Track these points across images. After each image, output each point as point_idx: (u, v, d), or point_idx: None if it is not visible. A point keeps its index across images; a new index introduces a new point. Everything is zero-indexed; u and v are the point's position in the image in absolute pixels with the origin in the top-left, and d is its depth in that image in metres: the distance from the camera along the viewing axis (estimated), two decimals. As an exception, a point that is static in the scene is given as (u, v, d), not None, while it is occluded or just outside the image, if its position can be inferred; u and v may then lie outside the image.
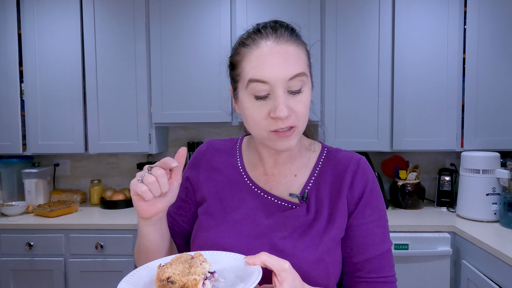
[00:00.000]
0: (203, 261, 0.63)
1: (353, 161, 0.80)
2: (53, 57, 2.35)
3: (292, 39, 0.71)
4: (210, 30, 2.29)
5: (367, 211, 0.77)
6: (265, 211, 0.77)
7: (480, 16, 2.18)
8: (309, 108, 0.74)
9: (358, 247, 0.76)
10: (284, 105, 0.67)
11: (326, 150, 0.85)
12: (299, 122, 0.71)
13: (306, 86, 0.71)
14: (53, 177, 2.70)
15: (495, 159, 2.03)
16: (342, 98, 2.26)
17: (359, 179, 0.78)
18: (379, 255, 0.76)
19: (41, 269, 2.12)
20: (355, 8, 2.24)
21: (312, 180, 0.79)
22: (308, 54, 0.75)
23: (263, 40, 0.70)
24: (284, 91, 0.68)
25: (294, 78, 0.68)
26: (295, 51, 0.70)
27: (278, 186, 0.80)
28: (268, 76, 0.68)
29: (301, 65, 0.70)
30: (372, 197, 0.77)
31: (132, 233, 2.10)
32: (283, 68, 0.67)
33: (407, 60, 2.22)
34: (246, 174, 0.83)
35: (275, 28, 0.71)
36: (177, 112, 2.33)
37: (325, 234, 0.74)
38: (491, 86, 2.20)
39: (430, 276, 1.92)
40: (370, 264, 0.76)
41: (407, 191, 2.33)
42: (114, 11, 2.32)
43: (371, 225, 0.76)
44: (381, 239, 0.77)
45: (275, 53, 0.68)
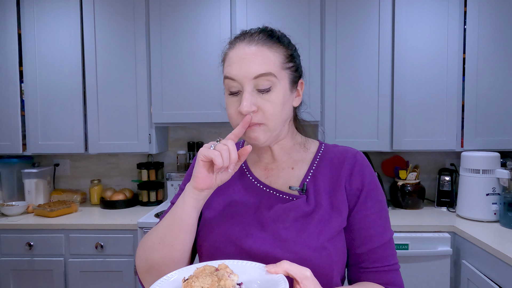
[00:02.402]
0: (231, 273, 0.62)
1: (350, 154, 0.84)
2: (53, 57, 2.35)
3: (266, 42, 0.76)
4: (210, 30, 2.29)
5: (368, 203, 0.80)
6: (267, 204, 0.81)
7: (480, 16, 2.18)
8: (287, 107, 0.79)
9: (362, 238, 0.79)
10: (247, 101, 0.73)
11: (324, 146, 0.89)
12: (267, 120, 0.75)
13: (276, 87, 0.75)
14: (53, 177, 2.70)
15: (495, 159, 2.03)
16: (342, 98, 2.27)
17: (357, 172, 0.81)
18: (382, 245, 0.79)
19: (41, 269, 2.12)
20: (355, 8, 2.24)
21: (311, 173, 0.83)
22: (286, 55, 0.78)
23: (238, 42, 0.77)
24: (252, 88, 0.74)
25: (260, 77, 0.73)
26: (265, 53, 0.75)
27: (277, 180, 0.85)
28: (235, 73, 0.74)
29: (269, 66, 0.74)
30: (371, 189, 0.81)
31: (132, 233, 2.10)
32: (248, 67, 0.73)
33: (407, 60, 2.22)
34: (248, 170, 0.88)
35: (251, 32, 0.78)
36: (177, 112, 2.33)
37: (326, 223, 0.77)
38: (491, 86, 2.20)
39: (430, 276, 1.92)
40: (374, 254, 0.79)
41: (407, 191, 2.33)
42: (114, 11, 2.32)
43: (373, 217, 0.80)
44: (383, 229, 0.80)
45: (244, 54, 0.74)
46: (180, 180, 2.60)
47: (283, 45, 0.79)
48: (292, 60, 0.80)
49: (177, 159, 2.67)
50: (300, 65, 0.85)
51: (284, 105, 0.77)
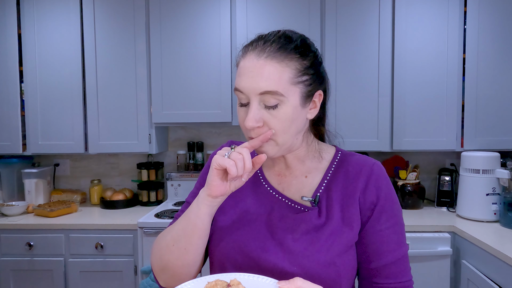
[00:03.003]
0: None
1: (367, 166, 0.80)
2: (53, 57, 2.35)
3: (277, 55, 0.71)
4: (210, 30, 2.29)
5: (382, 218, 0.77)
6: (279, 212, 0.79)
7: (480, 16, 2.18)
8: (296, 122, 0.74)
9: (374, 253, 0.77)
10: (252, 117, 0.70)
11: (340, 154, 0.86)
12: (275, 136, 0.72)
13: (284, 104, 0.71)
14: (53, 177, 2.70)
15: (495, 159, 2.03)
16: (342, 98, 2.27)
17: (373, 185, 0.78)
18: (396, 260, 0.77)
19: (41, 269, 2.12)
20: (355, 8, 2.24)
21: (324, 184, 0.81)
22: (300, 68, 0.72)
23: (249, 52, 0.73)
24: (259, 103, 0.71)
25: (265, 94, 0.70)
26: (274, 68, 0.70)
27: (290, 187, 0.82)
28: (242, 86, 0.71)
29: (277, 83, 0.69)
30: (387, 203, 0.78)
31: (132, 233, 2.10)
32: (254, 82, 0.70)
33: (407, 60, 2.22)
34: (262, 175, 0.86)
35: (265, 41, 0.73)
36: (177, 112, 2.33)
37: (336, 238, 0.75)
38: (491, 86, 2.20)
39: (430, 276, 1.92)
40: (387, 270, 0.77)
41: (407, 191, 2.33)
42: (114, 11, 2.32)
43: (387, 232, 0.77)
44: (397, 245, 0.77)
45: (252, 67, 0.70)
46: (180, 180, 2.61)
47: (298, 56, 0.73)
48: (307, 73, 0.73)
49: (177, 159, 2.67)
50: (321, 75, 0.79)
51: (293, 121, 0.72)
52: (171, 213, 2.24)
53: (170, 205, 2.47)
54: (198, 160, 2.66)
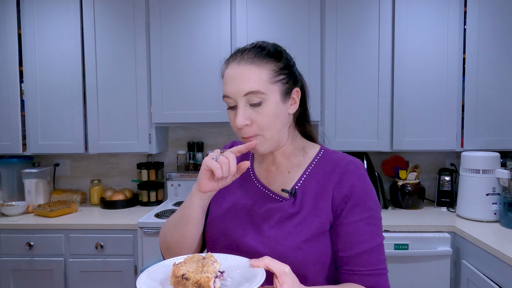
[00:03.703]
0: (214, 261, 0.70)
1: (343, 163, 0.88)
2: (53, 57, 2.35)
3: (254, 60, 0.82)
4: (210, 30, 2.29)
5: (356, 211, 0.84)
6: (261, 203, 0.90)
7: (480, 16, 2.18)
8: (280, 117, 0.85)
9: (347, 243, 0.84)
10: (241, 116, 0.81)
11: (323, 151, 0.94)
12: (262, 132, 0.83)
13: (266, 101, 0.82)
14: (53, 177, 2.70)
15: (495, 159, 2.03)
16: (342, 98, 2.26)
17: (347, 180, 0.85)
18: (367, 250, 0.83)
19: (41, 269, 2.12)
20: (355, 8, 2.24)
21: (303, 178, 0.89)
22: (275, 70, 0.83)
23: (231, 61, 0.85)
24: (245, 103, 0.82)
25: (249, 94, 0.81)
26: (253, 71, 0.81)
27: (275, 182, 0.92)
28: (229, 91, 0.83)
29: (257, 84, 0.80)
30: (361, 198, 0.84)
31: (132, 233, 2.10)
32: (238, 86, 0.81)
33: (407, 60, 2.22)
34: (252, 170, 0.97)
35: (242, 51, 0.85)
36: (177, 112, 2.33)
37: (305, 225, 0.83)
38: (491, 86, 2.20)
39: (430, 276, 1.92)
40: (359, 258, 0.83)
41: (407, 191, 2.33)
42: (114, 11, 2.32)
43: (360, 223, 0.83)
44: (371, 236, 0.83)
45: (234, 73, 0.82)
46: (180, 180, 2.62)
47: (272, 60, 0.84)
48: (282, 73, 0.84)
49: (177, 159, 2.67)
50: (295, 74, 0.88)
51: (277, 116, 0.83)
52: (171, 213, 2.24)
53: (170, 205, 2.47)
54: (198, 160, 2.66)
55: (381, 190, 2.36)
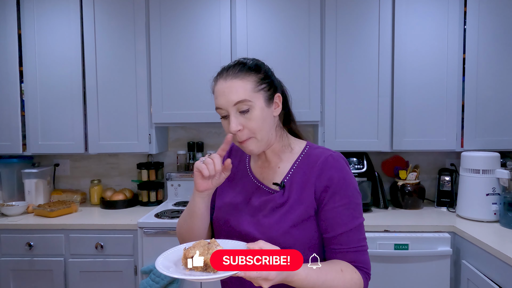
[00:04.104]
0: (217, 245, 0.86)
1: (323, 157, 1.00)
2: (53, 57, 2.35)
3: (237, 75, 0.96)
4: (210, 30, 2.29)
5: (336, 198, 0.96)
6: (257, 195, 1.04)
7: (480, 16, 2.18)
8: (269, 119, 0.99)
9: (330, 225, 0.97)
10: (233, 123, 0.95)
11: (308, 147, 1.07)
12: (254, 134, 0.97)
13: (253, 107, 0.95)
14: (53, 177, 2.70)
15: (495, 159, 2.03)
16: (342, 98, 2.26)
17: (326, 172, 0.98)
18: (348, 231, 0.96)
19: (41, 269, 2.12)
20: (355, 8, 2.24)
21: (290, 172, 1.03)
22: (257, 80, 0.97)
23: (218, 79, 1.00)
24: (236, 112, 0.95)
25: (238, 103, 0.94)
26: (238, 84, 0.95)
27: (268, 177, 1.06)
28: (220, 103, 0.97)
29: (242, 94, 0.94)
30: (339, 186, 0.97)
31: (132, 233, 2.10)
32: (228, 98, 0.95)
33: (407, 60, 2.22)
34: (249, 167, 1.11)
35: (227, 69, 0.99)
36: (177, 112, 2.33)
37: (291, 213, 0.97)
38: (491, 86, 2.20)
39: (430, 276, 1.92)
40: (340, 238, 0.96)
41: (407, 191, 2.33)
42: (114, 11, 2.32)
43: (340, 209, 0.96)
44: (349, 219, 0.96)
45: (223, 88, 0.97)
46: (180, 180, 2.62)
47: (253, 72, 0.98)
48: (263, 82, 0.98)
49: (177, 159, 2.67)
50: (274, 82, 1.02)
51: (264, 119, 0.97)
52: (171, 213, 2.24)
53: (170, 205, 2.47)
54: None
55: (381, 190, 2.36)
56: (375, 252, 1.91)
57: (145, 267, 2.05)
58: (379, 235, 1.95)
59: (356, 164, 2.31)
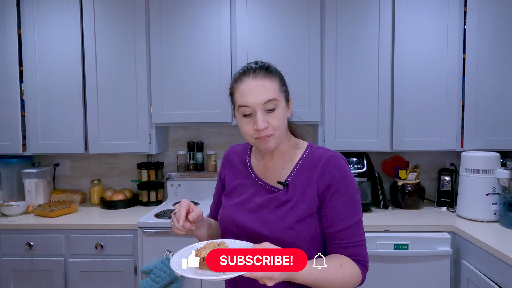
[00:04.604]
0: (226, 247, 0.92)
1: (324, 157, 1.06)
2: (53, 57, 2.35)
3: (266, 75, 1.03)
4: (210, 30, 2.29)
5: (337, 196, 1.02)
6: (260, 194, 1.10)
7: (480, 16, 2.18)
8: (287, 117, 1.07)
9: (331, 222, 1.03)
10: (261, 120, 1.00)
11: (310, 148, 1.12)
12: (275, 131, 1.03)
13: (278, 106, 1.02)
14: (53, 177, 2.70)
15: (495, 159, 2.03)
16: (342, 98, 2.26)
17: (328, 172, 1.04)
18: (348, 227, 1.02)
19: (41, 269, 2.12)
20: (355, 8, 2.24)
21: (294, 172, 1.08)
22: (280, 82, 1.06)
23: (245, 77, 1.04)
24: (262, 110, 1.01)
25: (267, 102, 1.00)
26: (267, 84, 1.02)
27: (271, 176, 1.12)
28: (249, 101, 1.01)
29: (272, 93, 1.01)
30: (340, 185, 1.03)
31: (132, 233, 2.10)
32: (259, 96, 1.00)
33: (407, 60, 2.22)
34: (251, 168, 1.17)
35: (254, 69, 1.04)
36: (177, 112, 2.33)
37: (294, 210, 1.03)
38: (491, 86, 2.20)
39: (430, 276, 1.92)
40: (340, 233, 1.02)
41: (407, 191, 2.33)
42: (114, 11, 2.32)
43: (341, 206, 1.02)
44: (349, 215, 1.03)
45: (253, 86, 1.01)
46: (180, 180, 2.62)
47: (276, 75, 1.06)
48: (283, 84, 1.07)
49: (177, 159, 2.67)
50: (287, 85, 1.10)
51: (284, 118, 1.05)
52: (171, 213, 2.24)
53: (170, 205, 2.47)
54: (198, 160, 2.66)
55: (381, 190, 2.36)
56: (375, 252, 1.90)
57: (145, 267, 2.05)
58: (379, 235, 1.95)
59: (356, 164, 2.31)
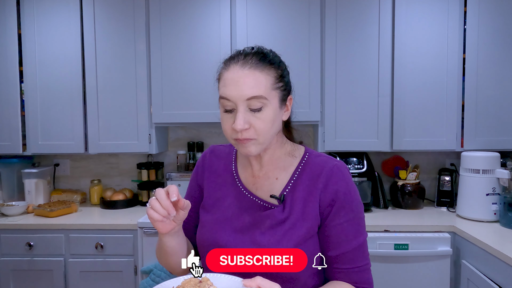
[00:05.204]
0: (211, 285, 0.73)
1: (327, 167, 0.90)
2: (53, 57, 2.35)
3: (258, 65, 0.82)
4: (210, 30, 2.29)
5: (341, 213, 0.87)
6: (250, 210, 0.91)
7: (480, 16, 2.18)
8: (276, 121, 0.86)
9: (333, 243, 0.88)
10: (241, 120, 0.80)
11: (308, 155, 0.95)
12: (258, 136, 0.83)
13: (266, 106, 0.82)
14: (53, 177, 2.70)
15: (495, 159, 2.03)
16: (342, 98, 2.26)
17: (332, 185, 0.88)
18: (352, 249, 0.87)
19: (41, 269, 2.12)
20: (355, 8, 2.24)
21: (291, 184, 0.91)
22: (277, 76, 0.85)
23: (232, 63, 0.84)
24: (246, 108, 0.81)
25: (252, 99, 0.80)
26: (257, 76, 0.81)
27: (262, 187, 0.93)
28: (230, 94, 0.81)
29: (261, 88, 0.81)
30: (345, 201, 0.87)
31: (132, 233, 2.10)
32: (242, 90, 0.80)
33: (407, 60, 2.22)
34: (238, 177, 0.96)
35: (246, 54, 0.84)
36: (177, 112, 2.33)
37: (295, 230, 0.86)
38: (491, 86, 2.20)
39: (430, 276, 1.92)
40: (344, 257, 0.87)
41: (407, 191, 2.33)
42: (114, 11, 2.32)
43: (345, 225, 0.87)
44: (354, 236, 0.88)
45: (237, 77, 0.81)
46: (181, 180, 2.60)
47: (274, 67, 0.85)
48: (281, 80, 0.86)
49: (177, 159, 2.67)
50: (289, 82, 0.90)
51: (273, 121, 0.84)
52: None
53: (170, 205, 2.47)
54: (198, 160, 2.65)
55: (381, 190, 2.36)
56: (375, 252, 1.90)
57: (145, 267, 2.05)
58: (379, 235, 1.95)
59: (356, 164, 2.31)
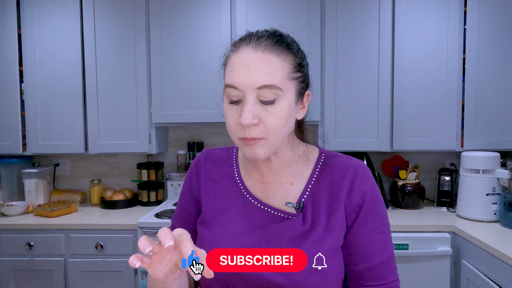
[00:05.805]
0: None
1: (351, 168, 0.78)
2: (53, 57, 2.35)
3: (274, 49, 0.68)
4: (210, 30, 2.29)
5: (368, 220, 0.76)
6: (262, 222, 0.77)
7: (480, 16, 2.18)
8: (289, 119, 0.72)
9: (361, 255, 0.76)
10: (249, 112, 0.66)
11: (324, 156, 0.83)
12: (268, 134, 0.69)
13: (281, 99, 0.68)
14: (53, 177, 2.70)
15: (495, 159, 2.03)
16: (342, 98, 2.26)
17: (358, 187, 0.76)
18: (381, 262, 0.76)
19: (41, 269, 2.12)
20: (355, 8, 2.24)
21: (309, 189, 0.78)
22: (295, 64, 0.71)
23: (243, 45, 0.70)
24: (255, 99, 0.67)
25: (263, 88, 0.66)
26: (272, 61, 0.67)
27: (275, 195, 0.79)
28: (237, 82, 0.67)
29: (275, 77, 0.67)
30: (372, 205, 0.76)
31: (132, 233, 2.10)
32: (252, 76, 0.66)
33: (407, 60, 2.22)
34: (242, 184, 0.82)
35: (258, 35, 0.71)
36: (177, 112, 2.33)
37: (321, 244, 0.73)
38: (491, 86, 2.20)
39: (430, 276, 1.92)
40: (373, 272, 0.76)
41: (407, 191, 2.33)
42: (114, 11, 2.32)
43: (372, 233, 0.76)
44: (383, 246, 0.76)
45: (248, 60, 0.67)
46: (180, 180, 2.60)
47: (292, 52, 0.71)
48: (300, 70, 0.72)
49: (177, 159, 2.67)
50: (308, 75, 0.77)
51: (288, 118, 0.71)
52: (171, 213, 2.24)
53: (170, 205, 2.47)
54: (198, 160, 2.65)
55: (381, 190, 2.36)
56: (375, 252, 1.90)
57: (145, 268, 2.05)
58: (379, 235, 1.95)
59: (356, 164, 2.30)
